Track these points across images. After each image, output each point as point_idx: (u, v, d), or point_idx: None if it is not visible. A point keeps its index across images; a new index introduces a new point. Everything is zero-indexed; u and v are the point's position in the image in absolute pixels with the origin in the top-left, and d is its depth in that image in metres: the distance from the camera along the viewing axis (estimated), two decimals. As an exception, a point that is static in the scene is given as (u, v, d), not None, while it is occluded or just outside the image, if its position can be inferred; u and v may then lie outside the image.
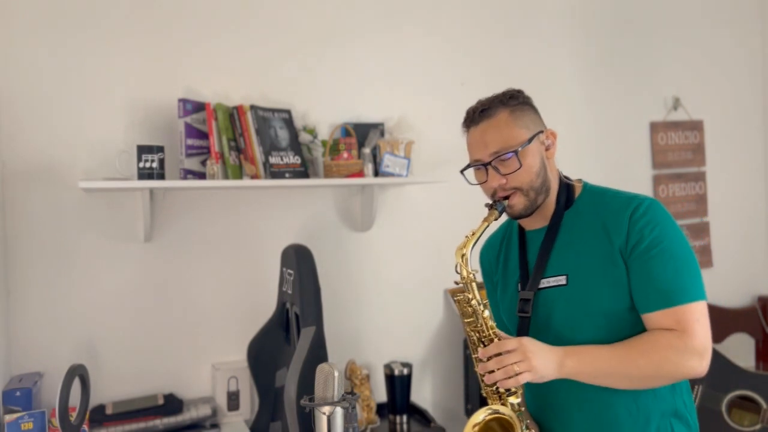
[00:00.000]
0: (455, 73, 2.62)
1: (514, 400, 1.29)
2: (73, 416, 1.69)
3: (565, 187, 1.40)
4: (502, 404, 1.29)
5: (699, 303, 1.26)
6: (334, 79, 2.43)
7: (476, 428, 1.24)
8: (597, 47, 2.90)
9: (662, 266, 1.25)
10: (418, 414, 2.38)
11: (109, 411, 2.00)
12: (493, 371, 1.22)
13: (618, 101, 2.94)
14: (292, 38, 2.37)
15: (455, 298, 1.36)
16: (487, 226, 1.33)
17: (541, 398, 1.40)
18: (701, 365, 1.24)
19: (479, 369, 1.26)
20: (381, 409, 2.39)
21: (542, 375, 1.22)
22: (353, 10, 2.46)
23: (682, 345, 1.23)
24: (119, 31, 2.13)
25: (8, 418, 1.79)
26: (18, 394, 1.83)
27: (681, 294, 1.25)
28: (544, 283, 1.36)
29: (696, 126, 3.12)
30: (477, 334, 1.31)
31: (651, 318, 1.26)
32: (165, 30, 2.19)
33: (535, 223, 1.42)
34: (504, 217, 1.41)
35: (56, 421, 1.61)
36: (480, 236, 1.33)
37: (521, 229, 1.47)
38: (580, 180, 1.44)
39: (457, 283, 1.34)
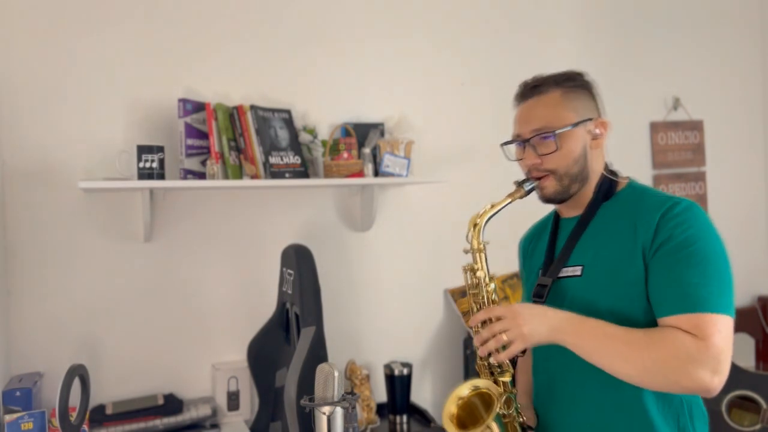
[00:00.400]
0: (455, 73, 2.61)
1: (506, 378, 1.29)
2: (73, 416, 1.69)
3: (608, 180, 1.36)
4: (494, 382, 1.29)
5: (724, 317, 1.13)
6: (334, 79, 2.43)
7: (460, 402, 1.26)
8: (597, 47, 2.90)
9: (690, 269, 1.16)
10: (418, 414, 2.38)
11: (109, 411, 2.00)
12: (487, 342, 1.20)
13: (618, 101, 2.93)
14: (292, 38, 2.36)
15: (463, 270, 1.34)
16: (510, 202, 1.31)
17: (545, 395, 1.40)
18: (712, 381, 1.11)
19: (475, 340, 1.24)
20: (381, 409, 2.39)
21: (537, 341, 1.19)
22: (353, 10, 2.46)
23: (695, 349, 1.11)
24: (119, 30, 2.13)
25: (8, 418, 1.79)
26: (18, 394, 1.82)
27: (705, 302, 1.13)
28: (564, 272, 1.32)
29: (696, 126, 3.12)
30: (477, 306, 1.31)
31: (667, 323, 1.17)
32: (165, 30, 2.19)
33: (570, 212, 1.39)
34: (534, 200, 1.37)
35: (56, 421, 1.61)
36: (499, 211, 1.30)
37: (557, 217, 1.44)
38: (627, 177, 1.40)
39: (466, 251, 1.33)
